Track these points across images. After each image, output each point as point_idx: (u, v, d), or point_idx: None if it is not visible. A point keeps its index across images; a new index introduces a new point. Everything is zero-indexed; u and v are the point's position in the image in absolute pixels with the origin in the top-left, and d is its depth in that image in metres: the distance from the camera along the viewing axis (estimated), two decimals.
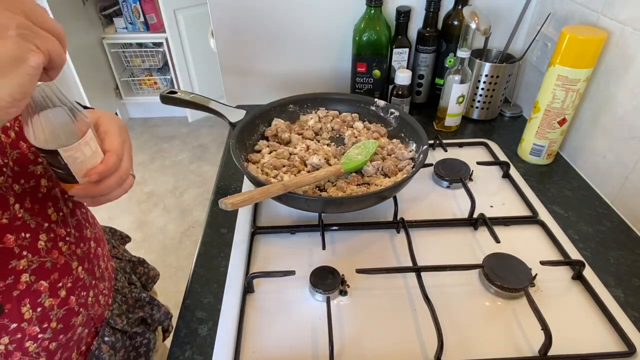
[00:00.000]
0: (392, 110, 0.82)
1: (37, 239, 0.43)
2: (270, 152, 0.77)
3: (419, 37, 0.97)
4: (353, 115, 0.86)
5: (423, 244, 0.66)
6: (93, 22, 2.46)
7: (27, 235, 0.42)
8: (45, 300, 0.43)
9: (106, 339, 0.53)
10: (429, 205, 0.74)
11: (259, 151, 0.78)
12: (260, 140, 0.80)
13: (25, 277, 0.41)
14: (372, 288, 0.60)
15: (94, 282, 0.51)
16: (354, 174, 0.72)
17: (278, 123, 0.82)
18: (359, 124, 0.84)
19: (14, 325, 0.41)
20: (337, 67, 1.05)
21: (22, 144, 0.43)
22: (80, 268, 0.48)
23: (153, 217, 2.11)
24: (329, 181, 0.71)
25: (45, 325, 0.44)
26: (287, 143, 0.80)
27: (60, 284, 0.45)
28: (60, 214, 0.46)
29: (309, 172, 0.72)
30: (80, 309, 0.48)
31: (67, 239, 0.47)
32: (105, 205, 0.46)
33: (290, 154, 0.76)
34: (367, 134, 0.81)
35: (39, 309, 0.43)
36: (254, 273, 0.59)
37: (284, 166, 0.73)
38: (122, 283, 0.61)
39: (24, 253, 0.41)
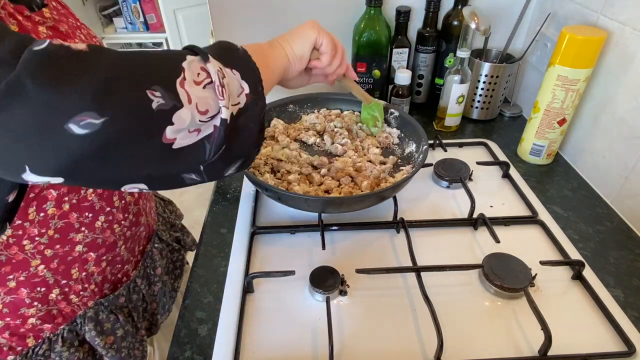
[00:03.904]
0: (392, 110, 0.82)
1: (97, 219, 0.51)
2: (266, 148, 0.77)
3: (419, 37, 0.97)
4: (356, 113, 0.86)
5: (423, 244, 0.66)
6: (93, 22, 2.46)
7: (90, 215, 0.50)
8: (90, 268, 0.54)
9: (156, 245, 0.68)
10: (428, 205, 0.74)
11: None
12: None
13: (79, 248, 0.51)
14: (372, 288, 0.60)
15: (131, 258, 0.61)
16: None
17: (276, 123, 0.82)
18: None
19: (64, 281, 0.51)
20: None
21: None
22: (123, 247, 0.58)
23: None
24: (335, 180, 0.71)
25: (86, 286, 0.54)
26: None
27: (104, 257, 0.55)
28: (123, 202, 0.55)
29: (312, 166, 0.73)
30: (113, 278, 0.59)
31: (123, 222, 0.56)
32: None
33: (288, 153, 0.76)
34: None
35: (84, 274, 0.53)
36: (254, 273, 0.59)
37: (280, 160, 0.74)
38: (162, 209, 0.77)
39: (82, 229, 0.50)
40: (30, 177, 0.32)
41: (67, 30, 0.46)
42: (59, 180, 0.33)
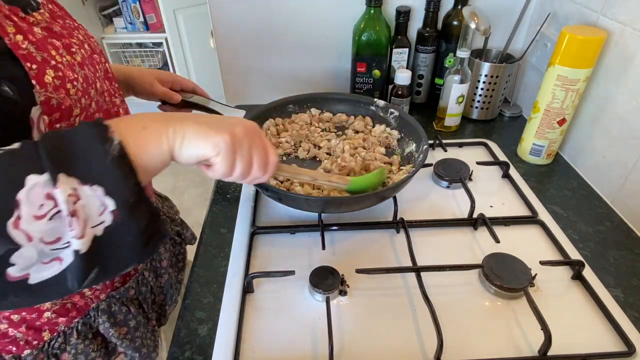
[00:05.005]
0: (392, 110, 0.82)
1: None
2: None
3: (419, 37, 0.97)
4: (351, 117, 0.86)
5: (423, 244, 0.66)
6: (93, 22, 2.46)
7: None
8: None
9: None
10: (428, 205, 0.74)
11: None
12: None
13: None
14: (372, 288, 0.60)
15: None
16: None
17: (269, 125, 0.82)
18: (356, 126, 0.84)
19: None
20: (337, 67, 1.05)
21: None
22: None
23: None
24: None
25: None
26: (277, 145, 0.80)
27: None
28: None
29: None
30: None
31: None
32: None
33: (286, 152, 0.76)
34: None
35: None
36: (254, 273, 0.59)
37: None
38: (161, 205, 0.77)
39: None
40: None
41: (61, 31, 0.47)
42: None
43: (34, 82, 0.40)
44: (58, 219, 0.32)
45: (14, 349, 0.52)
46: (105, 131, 0.35)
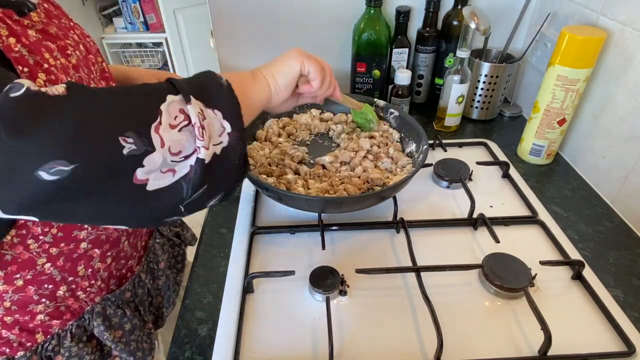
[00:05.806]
0: (392, 110, 0.82)
1: None
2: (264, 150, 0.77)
3: (419, 37, 0.97)
4: (348, 115, 0.86)
5: (423, 244, 0.66)
6: (92, 22, 2.46)
7: None
8: (96, 264, 0.54)
9: (157, 240, 0.69)
10: (428, 205, 0.74)
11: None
12: (254, 142, 0.79)
13: (83, 245, 0.51)
14: (372, 288, 0.60)
15: (134, 253, 0.62)
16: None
17: (272, 124, 0.82)
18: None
19: (71, 278, 0.52)
20: (337, 67, 1.05)
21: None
22: (126, 242, 0.59)
23: None
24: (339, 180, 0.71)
25: (93, 282, 0.55)
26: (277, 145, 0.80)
27: (108, 253, 0.56)
28: None
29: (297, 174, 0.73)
30: (118, 273, 0.60)
31: None
32: None
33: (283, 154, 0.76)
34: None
35: (90, 270, 0.54)
36: (254, 273, 0.59)
37: (277, 165, 0.73)
38: None
39: (85, 226, 0.51)
40: (2, 215, 0.34)
41: (56, 32, 0.47)
42: (33, 219, 0.35)
43: None
44: (186, 131, 0.37)
45: (7, 350, 0.51)
46: (215, 74, 0.43)
